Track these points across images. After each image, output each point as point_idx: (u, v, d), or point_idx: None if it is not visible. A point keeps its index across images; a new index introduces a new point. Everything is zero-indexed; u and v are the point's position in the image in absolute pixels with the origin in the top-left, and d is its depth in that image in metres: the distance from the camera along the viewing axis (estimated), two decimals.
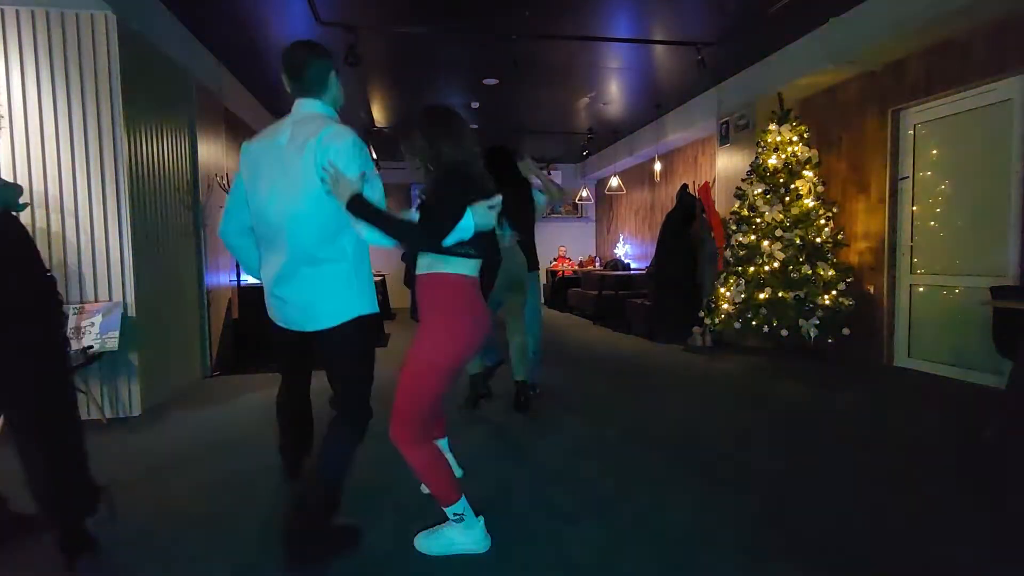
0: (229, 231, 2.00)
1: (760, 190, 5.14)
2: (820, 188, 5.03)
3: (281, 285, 1.84)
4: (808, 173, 5.02)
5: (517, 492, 2.38)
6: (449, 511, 1.85)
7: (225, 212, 1.99)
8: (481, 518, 1.90)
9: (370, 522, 2.09)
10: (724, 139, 6.31)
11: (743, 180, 5.39)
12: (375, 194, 1.76)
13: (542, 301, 3.87)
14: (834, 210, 4.99)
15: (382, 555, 1.89)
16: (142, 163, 3.80)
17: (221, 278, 5.29)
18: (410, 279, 1.91)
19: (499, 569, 1.80)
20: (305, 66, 1.84)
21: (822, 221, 4.91)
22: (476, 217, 1.73)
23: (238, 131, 5.82)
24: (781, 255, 4.91)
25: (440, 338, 1.79)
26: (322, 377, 1.95)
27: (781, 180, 5.04)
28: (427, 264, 1.82)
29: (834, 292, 4.78)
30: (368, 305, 1.87)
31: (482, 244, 1.82)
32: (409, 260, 1.91)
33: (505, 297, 3.49)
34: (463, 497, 1.86)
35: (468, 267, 1.81)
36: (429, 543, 1.89)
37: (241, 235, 1.99)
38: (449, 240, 1.72)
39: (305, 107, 1.86)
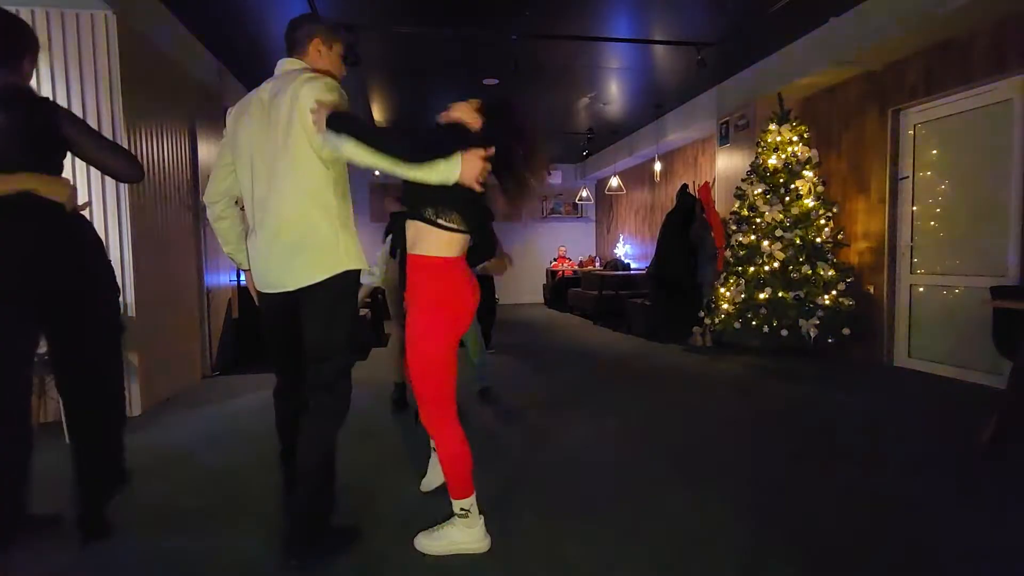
0: (217, 198, 1.96)
1: (760, 190, 5.14)
2: (820, 188, 5.03)
3: (268, 244, 1.81)
4: (808, 173, 5.02)
5: (517, 492, 2.38)
6: (457, 504, 1.85)
7: (212, 179, 1.96)
8: (481, 517, 1.90)
9: (370, 522, 2.09)
10: (724, 139, 6.31)
11: (743, 180, 5.38)
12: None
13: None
14: (834, 210, 4.99)
15: (382, 555, 1.89)
16: (142, 163, 3.79)
17: (221, 278, 5.29)
18: (397, 251, 1.91)
19: (498, 569, 1.80)
20: (291, 28, 1.94)
21: (822, 221, 4.91)
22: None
23: None
24: (781, 255, 4.90)
25: (431, 315, 1.79)
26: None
27: (781, 180, 5.04)
28: (413, 237, 1.80)
29: (834, 292, 4.78)
30: (355, 261, 1.85)
31: (470, 216, 1.79)
32: (399, 246, 1.90)
33: None
34: (474, 495, 1.86)
35: (453, 246, 1.79)
36: (429, 543, 1.89)
37: (229, 206, 1.98)
38: (434, 181, 1.68)
39: (286, 64, 1.89)
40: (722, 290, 5.33)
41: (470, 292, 1.85)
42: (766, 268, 4.98)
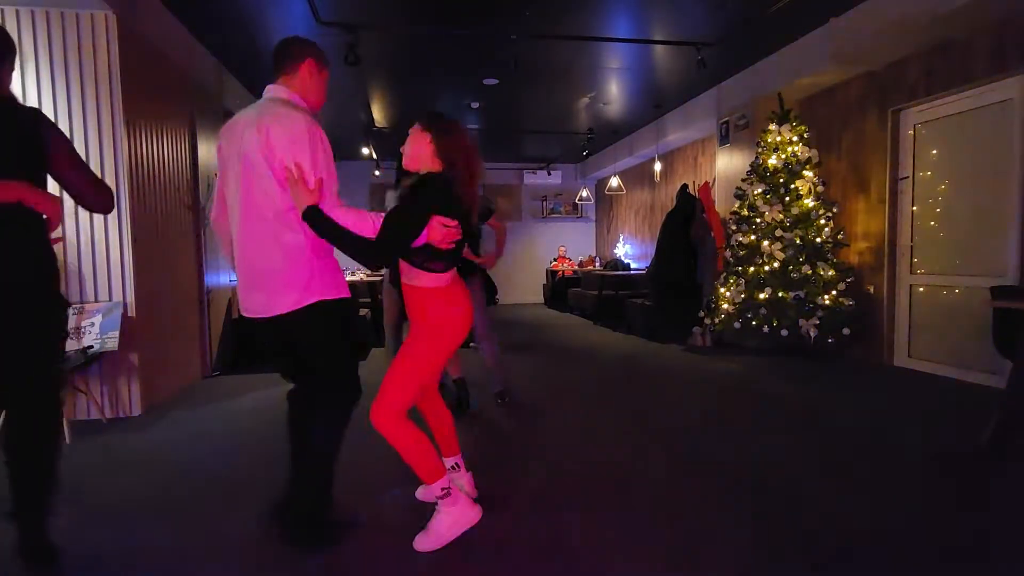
0: (223, 218, 1.97)
1: (760, 190, 5.14)
2: (820, 188, 5.03)
3: (241, 270, 1.84)
4: (808, 173, 5.03)
5: (517, 491, 2.38)
6: (436, 486, 1.89)
7: (216, 200, 1.99)
8: (463, 490, 2.01)
9: (371, 521, 2.09)
10: (724, 139, 6.31)
11: (743, 180, 5.39)
12: (331, 199, 1.74)
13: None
14: (834, 210, 4.99)
15: (383, 554, 1.89)
16: (142, 163, 3.80)
17: (221, 278, 5.29)
18: (396, 279, 2.00)
19: (499, 566, 1.80)
20: (285, 44, 1.89)
21: (822, 221, 4.91)
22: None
23: None
24: (781, 255, 4.91)
25: (431, 340, 1.89)
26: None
27: (781, 180, 5.04)
28: (407, 271, 1.90)
29: (834, 292, 4.78)
30: (331, 289, 1.82)
31: (453, 258, 1.89)
32: (391, 264, 1.96)
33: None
34: (447, 472, 1.93)
35: (442, 279, 1.89)
36: (426, 542, 1.90)
37: None
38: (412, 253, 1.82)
39: (270, 92, 1.86)
40: (722, 290, 5.33)
41: (468, 309, 1.95)
42: (766, 268, 4.98)
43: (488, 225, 3.58)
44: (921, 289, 4.62)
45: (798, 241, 4.89)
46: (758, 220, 5.11)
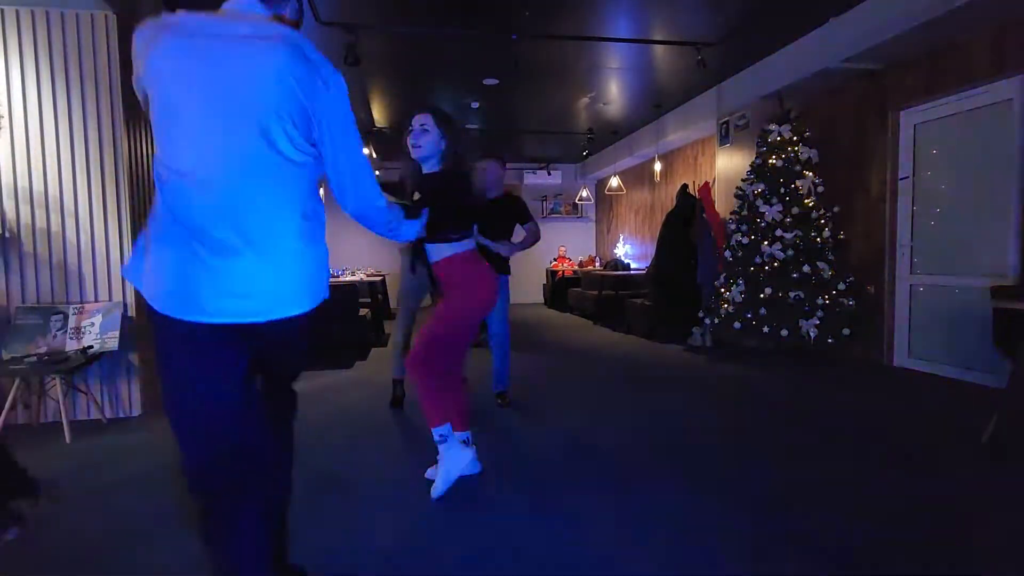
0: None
1: (760, 190, 5.14)
2: (820, 188, 5.03)
3: (220, 255, 1.24)
4: (808, 173, 5.03)
5: (517, 490, 2.38)
6: (435, 432, 2.25)
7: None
8: (457, 438, 2.33)
9: (370, 521, 2.09)
10: (724, 139, 6.31)
11: (743, 180, 5.39)
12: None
13: (508, 308, 3.92)
14: (834, 210, 4.99)
15: (383, 554, 1.89)
16: (142, 163, 3.80)
17: None
18: (415, 265, 2.33)
19: (499, 567, 1.80)
20: None
21: (822, 221, 4.91)
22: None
23: None
24: (781, 255, 4.91)
25: (468, 296, 2.24)
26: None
27: (781, 180, 5.04)
28: (438, 250, 2.24)
29: (834, 292, 4.78)
30: (327, 289, 1.44)
31: (464, 227, 2.28)
32: (418, 247, 2.26)
33: None
34: (448, 424, 2.28)
35: (463, 244, 2.26)
36: (438, 486, 2.25)
37: None
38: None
39: (242, 4, 1.30)
40: (722, 290, 5.33)
41: (489, 267, 2.33)
42: (766, 268, 4.98)
43: (525, 227, 3.80)
44: (921, 289, 4.62)
45: (798, 241, 4.89)
46: (758, 220, 5.11)
